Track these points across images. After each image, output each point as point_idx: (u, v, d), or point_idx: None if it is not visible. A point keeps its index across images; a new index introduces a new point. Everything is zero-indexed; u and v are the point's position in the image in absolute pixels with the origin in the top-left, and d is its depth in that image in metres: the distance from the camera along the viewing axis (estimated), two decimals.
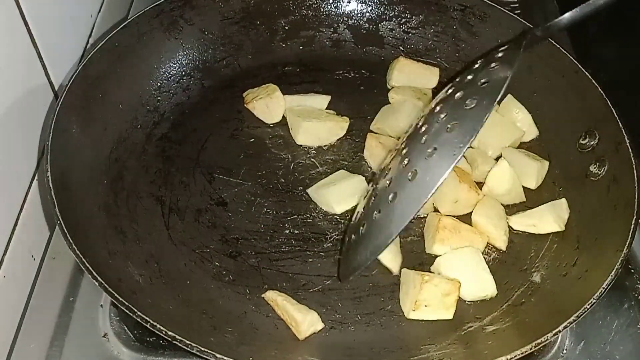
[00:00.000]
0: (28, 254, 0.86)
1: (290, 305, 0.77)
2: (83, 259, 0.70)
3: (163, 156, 0.94)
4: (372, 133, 0.97)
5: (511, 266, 0.85)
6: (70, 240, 0.71)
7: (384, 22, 1.10)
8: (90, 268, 0.69)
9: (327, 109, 1.01)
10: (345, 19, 1.10)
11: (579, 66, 0.94)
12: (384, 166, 0.81)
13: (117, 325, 0.80)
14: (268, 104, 0.99)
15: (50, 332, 0.79)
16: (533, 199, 0.92)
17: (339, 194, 0.89)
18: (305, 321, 0.76)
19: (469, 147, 0.69)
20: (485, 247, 0.86)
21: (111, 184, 0.87)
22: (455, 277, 0.80)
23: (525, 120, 0.98)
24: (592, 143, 0.90)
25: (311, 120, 0.96)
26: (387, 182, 0.76)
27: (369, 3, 1.10)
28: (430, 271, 0.82)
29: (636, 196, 0.80)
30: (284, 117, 1.00)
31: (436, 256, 0.83)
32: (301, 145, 0.97)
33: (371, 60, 1.10)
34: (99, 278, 0.69)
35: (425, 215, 0.88)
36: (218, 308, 0.78)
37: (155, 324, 0.66)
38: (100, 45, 0.91)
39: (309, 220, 0.88)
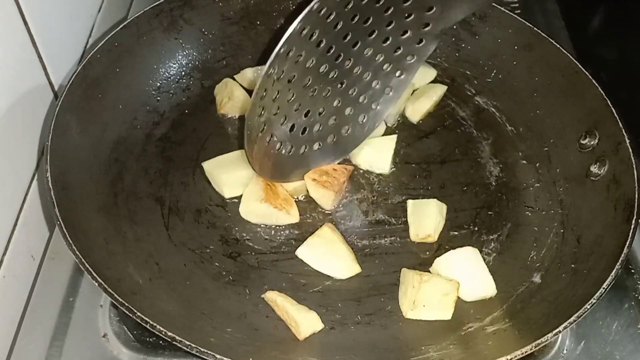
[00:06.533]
0: (28, 254, 0.86)
1: (290, 306, 0.77)
2: (83, 260, 0.70)
3: (163, 156, 0.94)
4: None
5: (511, 266, 0.85)
6: (70, 241, 0.71)
7: None
8: (89, 268, 0.69)
9: None
10: None
11: (579, 66, 0.94)
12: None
13: (116, 326, 0.80)
14: (233, 105, 0.99)
15: (50, 332, 0.79)
16: None
17: (231, 180, 0.88)
18: (305, 322, 0.76)
19: None
20: (485, 247, 0.87)
21: (111, 185, 0.87)
22: (455, 277, 0.80)
23: None
24: (592, 143, 0.90)
25: None
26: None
27: None
28: (429, 272, 0.82)
29: (636, 196, 0.80)
30: None
31: (435, 257, 0.83)
32: None
33: None
34: (98, 278, 0.69)
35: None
36: (218, 308, 0.78)
37: (155, 324, 0.66)
38: (100, 45, 0.91)
39: (308, 221, 0.88)
